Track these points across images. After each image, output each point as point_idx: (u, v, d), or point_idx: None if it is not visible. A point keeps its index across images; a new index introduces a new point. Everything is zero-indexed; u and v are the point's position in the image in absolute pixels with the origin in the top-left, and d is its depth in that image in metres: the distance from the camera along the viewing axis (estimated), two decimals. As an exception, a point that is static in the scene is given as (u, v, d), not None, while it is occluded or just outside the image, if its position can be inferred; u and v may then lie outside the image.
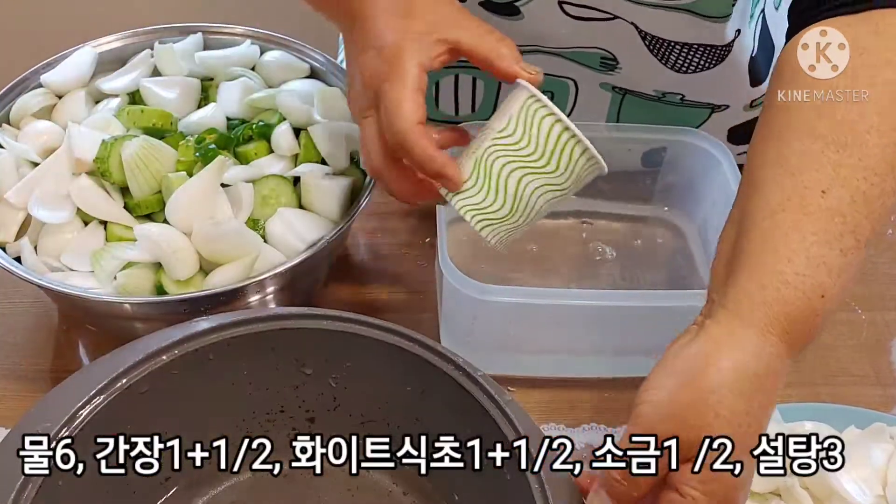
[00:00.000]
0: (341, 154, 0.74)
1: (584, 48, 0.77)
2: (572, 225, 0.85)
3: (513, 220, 0.59)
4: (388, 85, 0.57)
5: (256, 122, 0.77)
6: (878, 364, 0.78)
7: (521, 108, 0.58)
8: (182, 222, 0.68)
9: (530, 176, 0.58)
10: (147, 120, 0.75)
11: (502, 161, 0.58)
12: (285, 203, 0.72)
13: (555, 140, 0.57)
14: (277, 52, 0.84)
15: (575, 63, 0.78)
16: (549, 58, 0.78)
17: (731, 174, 0.77)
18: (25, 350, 0.75)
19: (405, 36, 0.58)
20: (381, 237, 0.85)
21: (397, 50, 0.58)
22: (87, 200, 0.70)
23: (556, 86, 0.81)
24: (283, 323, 0.60)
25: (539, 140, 0.57)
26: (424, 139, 0.57)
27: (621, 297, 0.71)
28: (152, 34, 0.84)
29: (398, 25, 0.59)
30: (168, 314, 0.66)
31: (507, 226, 0.60)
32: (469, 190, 0.59)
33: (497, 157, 0.58)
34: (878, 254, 0.87)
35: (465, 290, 0.66)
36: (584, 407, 0.73)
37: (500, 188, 0.58)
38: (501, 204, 0.58)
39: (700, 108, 0.85)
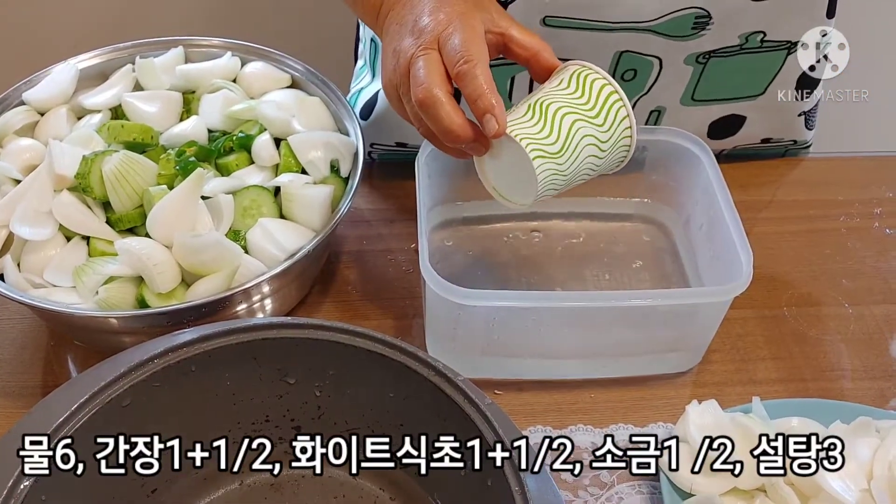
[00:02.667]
0: (321, 163, 0.75)
1: (679, 11, 0.76)
2: (557, 226, 0.85)
3: (561, 161, 0.61)
4: (453, 29, 0.61)
5: (237, 133, 0.77)
6: (867, 358, 0.78)
7: (573, 73, 0.61)
8: (163, 235, 0.68)
9: (582, 122, 0.61)
10: (128, 134, 0.75)
11: (557, 104, 0.61)
12: (266, 213, 0.72)
13: (605, 98, 0.61)
14: (258, 63, 0.84)
15: (664, 37, 0.78)
16: (639, 35, 0.78)
17: (712, 171, 0.77)
18: (13, 366, 0.75)
19: (466, 5, 0.63)
20: (366, 244, 0.85)
21: (460, 11, 0.62)
22: (68, 216, 0.70)
23: (641, 63, 0.81)
24: (264, 333, 0.60)
25: (592, 94, 0.61)
26: (490, 76, 0.59)
27: (606, 298, 0.71)
28: (133, 49, 0.84)
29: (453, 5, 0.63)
30: (151, 327, 0.67)
31: (554, 164, 0.61)
32: (526, 122, 0.61)
33: (552, 101, 0.61)
34: (864, 248, 0.87)
35: (446, 295, 0.66)
36: (570, 409, 0.73)
37: (555, 125, 0.60)
38: (556, 139, 0.60)
39: (778, 50, 0.83)
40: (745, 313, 0.80)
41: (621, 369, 0.75)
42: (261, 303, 0.72)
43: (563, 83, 0.63)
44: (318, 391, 0.62)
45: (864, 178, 0.95)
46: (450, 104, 0.60)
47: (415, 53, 0.62)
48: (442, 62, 0.61)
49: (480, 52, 0.60)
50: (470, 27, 0.61)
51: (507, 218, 0.85)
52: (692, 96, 0.86)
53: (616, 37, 0.67)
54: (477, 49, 0.60)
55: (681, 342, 0.74)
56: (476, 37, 0.61)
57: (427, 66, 0.61)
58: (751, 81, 0.87)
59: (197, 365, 0.59)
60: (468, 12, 0.62)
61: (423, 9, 0.63)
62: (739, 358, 0.77)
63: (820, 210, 0.91)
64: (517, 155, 0.61)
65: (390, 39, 0.65)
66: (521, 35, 0.64)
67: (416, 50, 0.62)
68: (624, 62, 0.80)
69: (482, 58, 0.60)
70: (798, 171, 0.96)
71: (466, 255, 0.83)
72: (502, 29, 0.63)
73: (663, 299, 0.70)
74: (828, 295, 0.83)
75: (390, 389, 0.60)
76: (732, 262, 0.71)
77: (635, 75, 0.81)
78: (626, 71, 0.65)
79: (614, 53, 0.79)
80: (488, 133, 0.60)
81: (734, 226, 0.72)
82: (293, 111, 0.78)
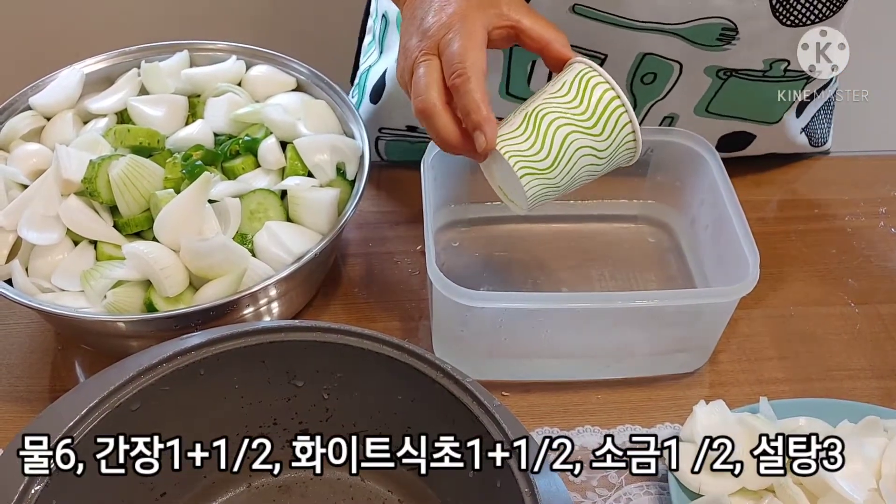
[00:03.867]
0: (328, 166, 0.75)
1: (707, 18, 0.76)
2: (563, 227, 0.86)
3: (552, 175, 0.62)
4: (453, 34, 0.61)
5: (243, 136, 0.77)
6: (874, 357, 0.77)
7: (576, 76, 0.61)
8: (170, 239, 0.68)
9: (576, 134, 0.61)
10: (134, 139, 0.75)
11: (552, 116, 0.60)
12: (273, 217, 0.72)
13: (605, 105, 0.60)
14: (263, 66, 0.84)
15: (688, 43, 0.78)
16: (665, 37, 0.78)
17: (718, 172, 0.77)
18: (21, 371, 0.75)
19: (469, 4, 0.62)
20: (372, 246, 0.85)
21: (463, 12, 0.62)
22: (76, 221, 0.70)
23: (662, 66, 0.81)
24: (272, 336, 0.60)
25: (591, 102, 0.60)
26: (483, 89, 0.59)
27: (612, 299, 0.71)
28: (138, 53, 0.84)
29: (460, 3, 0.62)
30: (158, 331, 0.67)
31: (545, 179, 0.62)
32: (516, 137, 0.61)
33: (548, 111, 0.61)
34: (869, 247, 0.87)
35: (453, 297, 0.66)
36: (577, 410, 0.73)
37: (546, 139, 0.60)
38: (546, 155, 0.61)
39: (798, 80, 0.83)
40: (752, 313, 0.80)
41: (628, 370, 0.75)
42: (268, 306, 0.72)
43: (564, 88, 0.62)
44: (326, 394, 0.63)
45: (869, 177, 0.95)
46: (446, 115, 0.61)
47: (417, 58, 0.63)
48: (441, 69, 0.62)
49: (475, 63, 0.60)
50: (468, 34, 0.61)
51: (514, 219, 0.85)
52: (707, 108, 0.85)
53: (641, 36, 0.67)
54: (472, 60, 0.60)
55: (687, 342, 0.74)
56: (474, 45, 0.61)
57: (427, 74, 0.61)
58: (769, 109, 0.87)
59: (205, 368, 0.59)
60: (471, 15, 0.62)
61: (432, 4, 0.64)
62: (746, 358, 0.77)
63: (825, 209, 0.91)
64: (507, 169, 0.62)
65: (404, 30, 0.66)
66: (533, 25, 0.63)
67: (418, 54, 0.63)
68: (645, 65, 0.80)
69: (476, 69, 0.60)
70: (803, 170, 0.96)
71: (473, 256, 0.83)
72: (513, 22, 0.63)
73: (669, 300, 0.70)
74: (834, 294, 0.83)
75: (398, 392, 0.60)
76: (738, 262, 0.71)
77: (654, 79, 0.81)
78: (646, 74, 0.65)
79: (637, 55, 0.79)
80: (478, 149, 0.61)
81: (740, 226, 0.72)
82: (299, 114, 0.78)
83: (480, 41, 0.61)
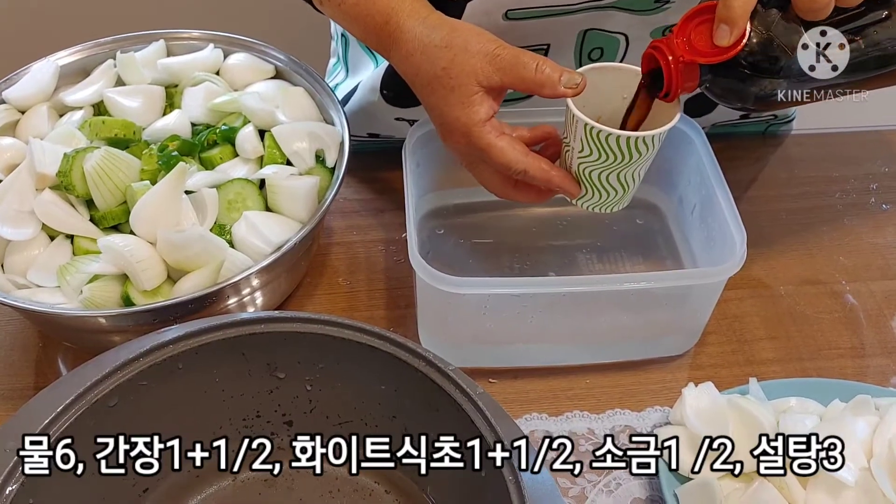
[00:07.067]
0: (306, 154, 0.74)
1: None
2: (548, 211, 0.84)
3: (627, 196, 0.69)
4: (479, 145, 0.64)
5: (220, 126, 0.76)
6: (865, 336, 0.77)
7: (586, 134, 0.63)
8: (146, 232, 0.67)
9: (622, 170, 0.65)
10: (109, 130, 0.74)
11: (597, 172, 0.66)
12: (251, 206, 0.71)
13: (625, 144, 0.63)
14: (241, 54, 0.83)
15: (627, 12, 0.76)
16: (603, 13, 0.76)
17: (705, 152, 0.76)
18: (2, 369, 0.74)
19: (461, 114, 0.64)
20: (356, 234, 0.84)
21: (467, 129, 0.64)
22: (51, 215, 0.69)
23: (608, 41, 0.80)
24: (251, 328, 0.59)
25: (613, 151, 0.63)
26: (537, 163, 0.65)
27: (599, 282, 0.70)
28: (114, 44, 0.83)
29: (442, 106, 0.65)
30: (137, 325, 0.66)
31: (624, 200, 0.69)
32: (585, 196, 0.68)
33: (591, 170, 0.66)
34: (861, 224, 0.86)
35: (436, 284, 0.65)
36: (566, 395, 0.72)
37: (605, 187, 0.67)
38: (613, 195, 0.68)
39: None
40: (741, 293, 0.79)
41: (616, 354, 0.74)
42: (250, 296, 0.71)
43: (586, 149, 0.64)
44: (309, 385, 0.62)
45: (859, 153, 0.94)
46: (522, 191, 0.68)
47: (467, 167, 0.68)
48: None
49: (516, 159, 0.64)
50: (488, 146, 0.64)
51: (498, 205, 0.83)
52: None
53: (579, 18, 0.66)
54: (511, 158, 0.64)
55: (676, 325, 0.74)
56: (496, 145, 0.64)
57: (486, 179, 0.68)
58: None
59: (184, 362, 0.58)
60: (472, 127, 0.64)
61: (448, 134, 0.66)
62: (736, 339, 0.76)
63: (815, 187, 0.90)
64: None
65: (424, 102, 0.67)
66: (511, 83, 0.64)
67: (466, 166, 0.68)
68: (590, 41, 0.79)
69: (522, 163, 0.64)
70: (792, 147, 0.95)
71: (458, 242, 0.82)
72: (495, 88, 0.64)
73: (657, 282, 0.69)
74: (825, 272, 0.82)
75: (381, 381, 0.60)
76: (726, 242, 0.70)
77: (602, 54, 0.80)
78: (592, 49, 0.63)
79: (578, 33, 0.78)
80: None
81: (727, 206, 0.71)
82: (277, 102, 0.77)
83: (497, 131, 0.64)
